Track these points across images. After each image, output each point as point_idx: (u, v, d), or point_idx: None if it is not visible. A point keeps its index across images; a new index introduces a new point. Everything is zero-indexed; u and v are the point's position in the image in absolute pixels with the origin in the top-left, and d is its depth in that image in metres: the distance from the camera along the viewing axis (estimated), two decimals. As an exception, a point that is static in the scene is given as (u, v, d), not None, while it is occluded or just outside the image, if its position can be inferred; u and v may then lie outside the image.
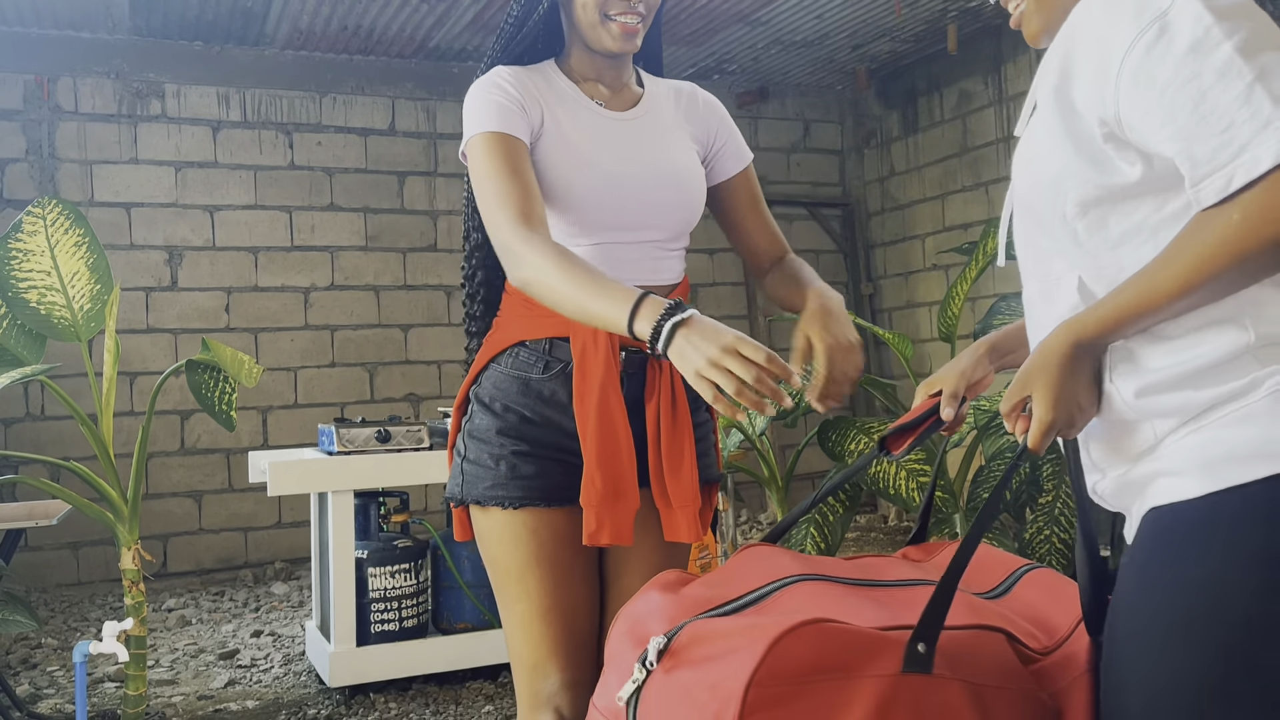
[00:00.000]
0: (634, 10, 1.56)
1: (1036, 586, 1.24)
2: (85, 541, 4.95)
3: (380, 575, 3.29)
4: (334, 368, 5.50)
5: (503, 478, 1.60)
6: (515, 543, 1.60)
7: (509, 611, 1.63)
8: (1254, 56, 0.90)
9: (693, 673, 1.04)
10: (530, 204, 1.48)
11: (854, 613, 1.09)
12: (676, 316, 1.26)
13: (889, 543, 5.39)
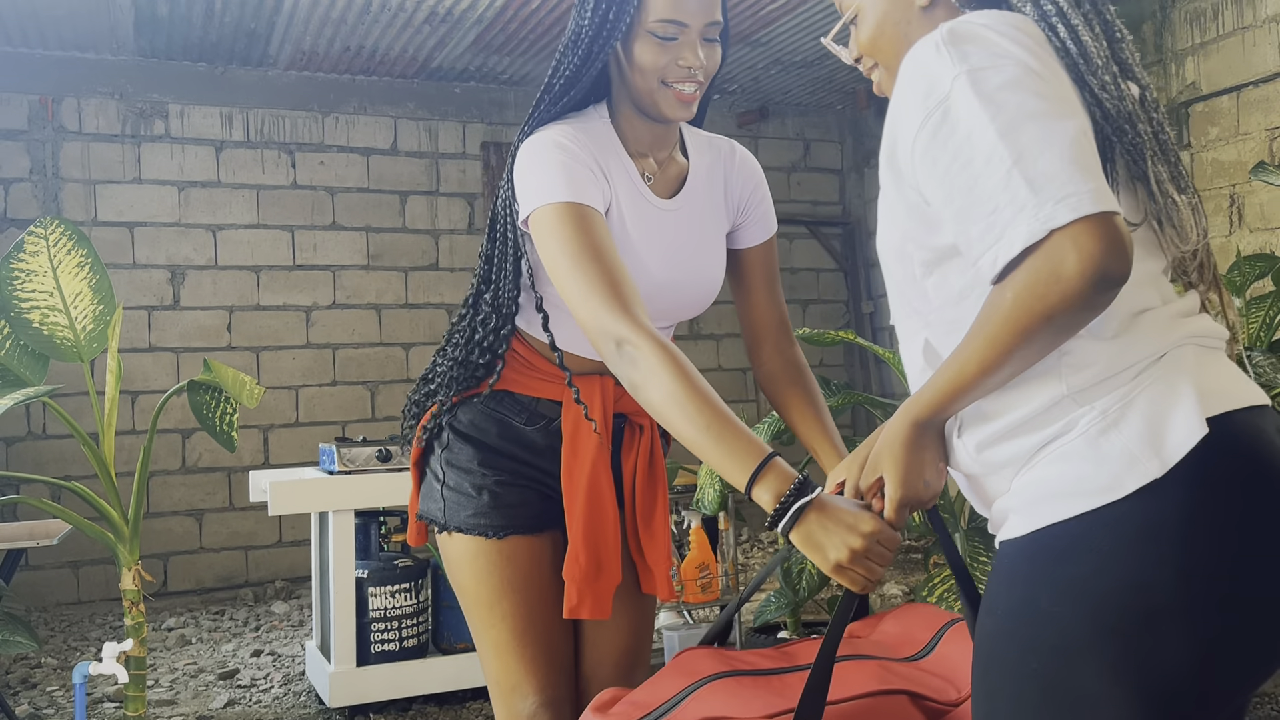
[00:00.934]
0: (693, 79, 1.48)
1: (957, 641, 1.33)
2: (85, 561, 4.95)
3: (380, 595, 3.28)
4: (335, 386, 5.51)
5: (485, 506, 1.60)
6: (489, 569, 1.60)
7: (483, 637, 1.63)
8: (1015, 138, 0.95)
9: None
10: (626, 289, 1.36)
11: (756, 704, 1.16)
12: (805, 498, 1.15)
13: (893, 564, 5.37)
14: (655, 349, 1.29)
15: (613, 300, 1.34)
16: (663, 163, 1.60)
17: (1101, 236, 0.91)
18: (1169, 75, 4.69)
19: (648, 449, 1.65)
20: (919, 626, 1.38)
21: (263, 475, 3.38)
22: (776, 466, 1.19)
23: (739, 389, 6.37)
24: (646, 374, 1.28)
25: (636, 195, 1.55)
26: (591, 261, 1.37)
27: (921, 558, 5.43)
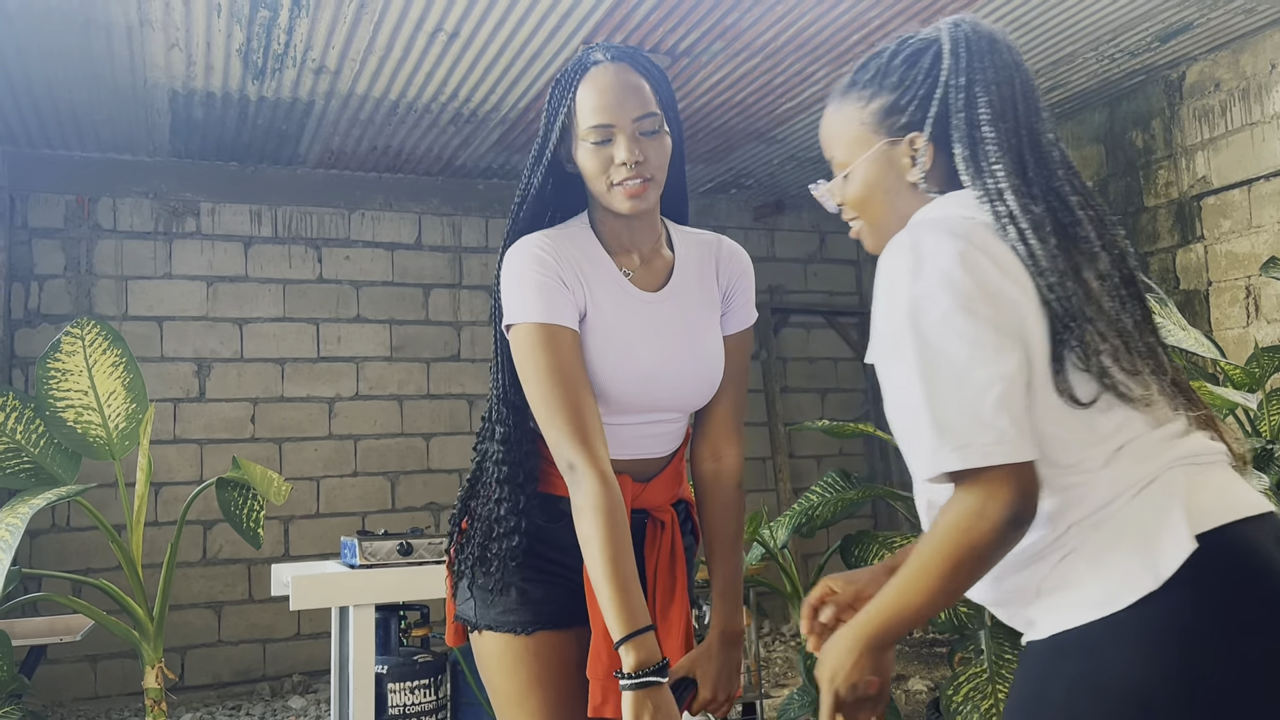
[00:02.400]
0: (637, 173, 1.53)
1: None
2: (104, 655, 4.93)
3: (400, 691, 3.26)
4: (356, 477, 5.54)
5: (513, 603, 1.62)
6: (517, 666, 1.62)
7: None
8: (932, 380, 1.09)
9: None
10: (587, 417, 1.49)
11: None
12: (656, 679, 1.40)
13: (914, 656, 5.29)
14: (597, 484, 1.45)
15: (572, 428, 1.48)
16: (647, 258, 1.65)
17: (1013, 485, 1.06)
18: (1179, 170, 4.76)
19: (669, 545, 1.67)
20: None
21: (284, 569, 3.39)
22: (649, 641, 1.41)
23: (760, 478, 6.36)
24: (582, 504, 1.46)
25: (619, 291, 1.60)
26: (558, 385, 1.50)
27: (946, 653, 5.34)
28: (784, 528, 3.01)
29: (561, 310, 1.53)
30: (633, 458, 1.64)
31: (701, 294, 1.68)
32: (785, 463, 6.37)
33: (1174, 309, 3.29)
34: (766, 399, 6.45)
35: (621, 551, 1.44)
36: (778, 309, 6.57)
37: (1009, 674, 2.45)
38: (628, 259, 1.64)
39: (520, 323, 1.53)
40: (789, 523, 3.02)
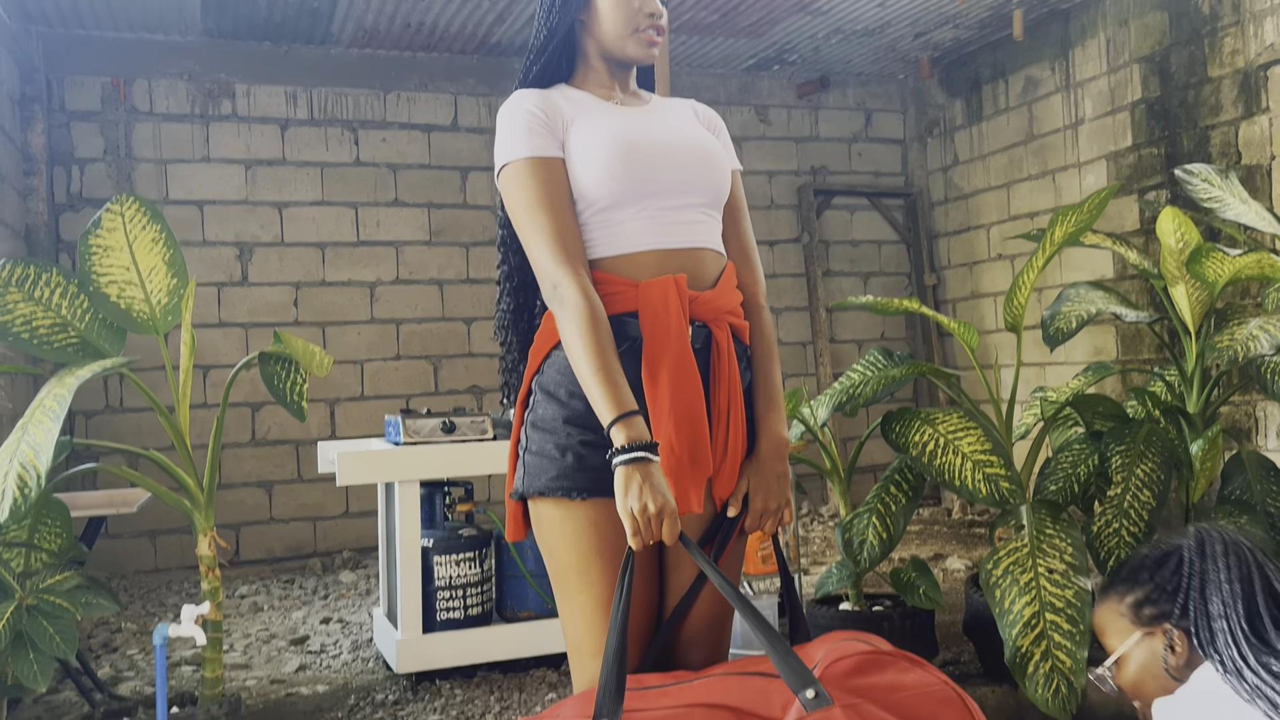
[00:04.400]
0: (657, 25, 1.73)
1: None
2: (162, 530, 5.11)
3: (445, 564, 3.34)
4: (399, 360, 5.59)
5: (569, 469, 1.61)
6: (578, 535, 1.62)
7: (569, 602, 1.65)
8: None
9: None
10: (570, 242, 1.60)
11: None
12: (647, 455, 1.47)
13: (952, 536, 5.33)
14: (578, 297, 1.55)
15: (557, 251, 1.58)
16: (628, 94, 1.80)
17: None
18: (1246, 36, 4.53)
19: (726, 369, 1.67)
20: (820, 650, 1.47)
21: (330, 447, 3.45)
22: (638, 422, 1.49)
23: (799, 363, 6.33)
24: (567, 313, 1.55)
25: (601, 109, 1.73)
26: (544, 213, 1.61)
27: (986, 532, 5.37)
28: (825, 406, 3.00)
29: (546, 144, 1.65)
30: (674, 247, 1.66)
31: (686, 116, 1.82)
32: (826, 347, 6.33)
33: (1235, 182, 3.17)
34: (808, 283, 6.38)
35: (605, 347, 1.53)
36: (821, 190, 6.44)
37: (1050, 549, 2.45)
38: (609, 93, 1.77)
39: (508, 162, 1.65)
40: (830, 401, 3.00)
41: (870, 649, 1.43)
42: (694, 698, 1.39)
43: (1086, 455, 3.04)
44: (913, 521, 5.62)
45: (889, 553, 2.63)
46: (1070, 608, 2.36)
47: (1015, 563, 2.45)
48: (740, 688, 1.41)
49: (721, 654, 1.78)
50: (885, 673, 1.37)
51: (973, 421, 2.58)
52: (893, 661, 1.39)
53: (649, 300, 1.60)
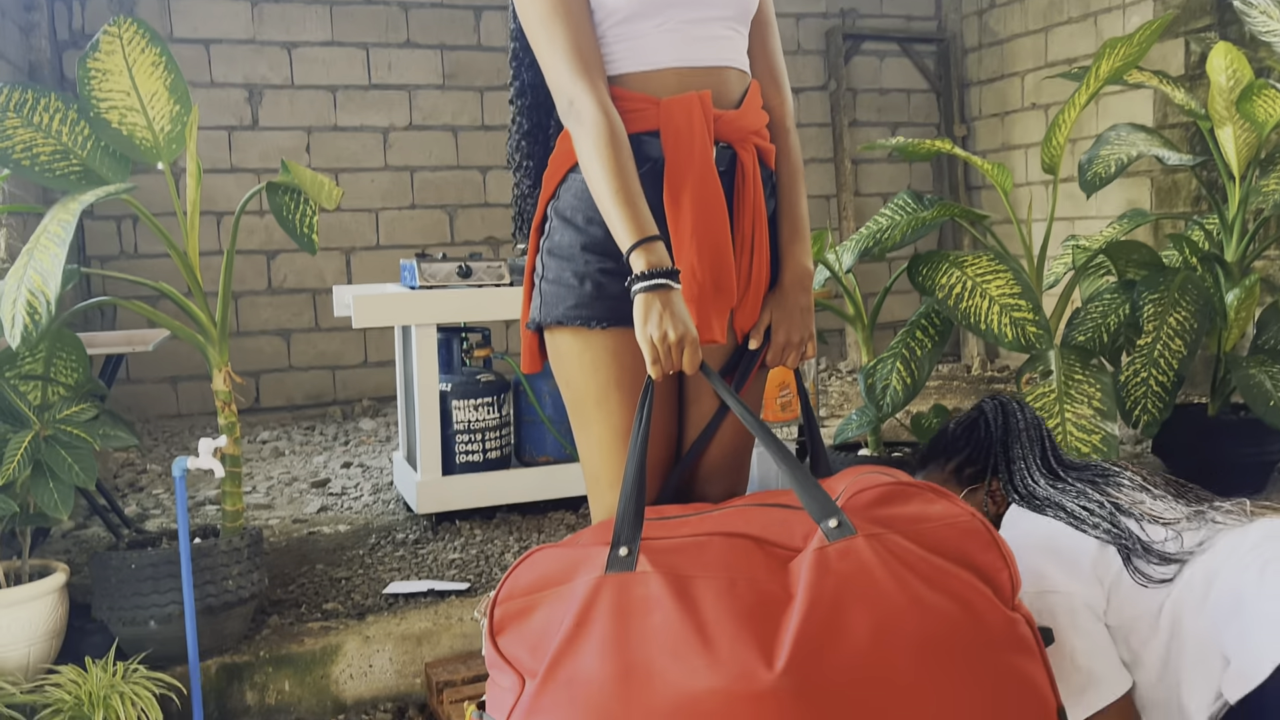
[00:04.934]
0: None
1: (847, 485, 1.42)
2: (183, 376, 5.14)
3: (464, 408, 3.34)
4: (414, 209, 5.50)
5: (587, 297, 1.56)
6: (596, 366, 1.58)
7: (587, 433, 1.63)
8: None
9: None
10: (587, 55, 1.50)
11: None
12: (668, 281, 1.40)
13: (971, 391, 5.31)
14: (597, 112, 1.46)
15: (574, 64, 1.49)
16: None
17: None
18: None
19: (751, 193, 1.59)
20: (843, 483, 1.43)
21: (346, 290, 3.41)
22: (659, 247, 1.42)
23: (822, 217, 6.20)
24: (584, 130, 1.47)
25: None
26: (560, 23, 1.50)
27: (1005, 388, 5.35)
28: (850, 252, 2.92)
29: None
30: (697, 64, 1.56)
31: None
32: (850, 201, 6.18)
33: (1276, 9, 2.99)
34: (834, 133, 6.18)
35: (625, 167, 1.45)
36: (849, 35, 6.17)
37: (1078, 394, 2.41)
38: None
39: None
40: (856, 246, 2.92)
41: (895, 480, 1.40)
42: (714, 526, 1.37)
43: (1117, 305, 2.96)
44: (931, 377, 5.59)
45: (912, 398, 2.60)
46: (1097, 452, 2.33)
47: (1042, 409, 2.41)
48: (761, 518, 1.38)
49: (740, 488, 1.76)
50: (910, 503, 1.34)
51: (1002, 265, 2.50)
52: (918, 493, 1.36)
53: (671, 118, 1.52)
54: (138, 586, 2.26)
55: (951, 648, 1.21)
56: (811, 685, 1.18)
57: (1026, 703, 1.23)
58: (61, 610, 2.27)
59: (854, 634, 1.20)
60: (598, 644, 1.23)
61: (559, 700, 1.22)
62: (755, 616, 1.23)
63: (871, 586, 1.23)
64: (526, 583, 1.33)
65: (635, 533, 1.32)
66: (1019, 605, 1.29)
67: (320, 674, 2.44)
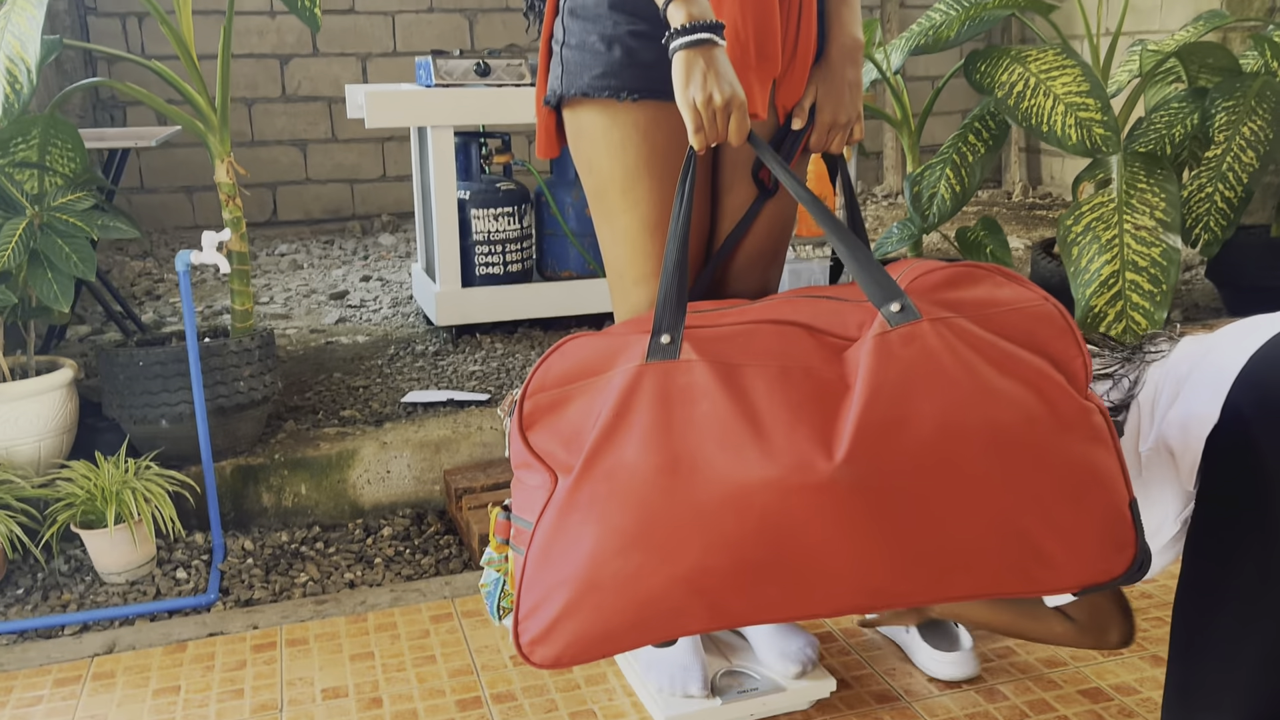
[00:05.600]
0: None
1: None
2: (197, 186, 5.00)
3: (483, 218, 3.20)
4: (432, 13, 5.20)
5: (616, 64, 1.38)
6: (625, 145, 1.42)
7: (613, 223, 1.48)
8: None
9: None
10: None
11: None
12: (712, 36, 1.24)
13: (1012, 217, 5.10)
14: None
15: None
16: None
17: None
18: None
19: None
20: (903, 268, 1.29)
21: (358, 89, 3.22)
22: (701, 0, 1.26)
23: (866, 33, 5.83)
24: None
25: None
26: None
27: (1047, 214, 5.13)
28: (900, 50, 2.69)
29: None
30: None
31: None
32: (895, 12, 5.80)
33: None
34: (881, -63, 5.75)
35: None
36: None
37: (1140, 204, 2.23)
38: None
39: None
40: (906, 45, 2.68)
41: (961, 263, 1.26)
42: (761, 314, 1.24)
43: (1186, 113, 2.74)
44: (970, 203, 5.37)
45: (960, 207, 2.43)
46: (1155, 267, 2.17)
47: (1099, 219, 2.24)
48: (810, 307, 1.26)
49: (774, 288, 1.64)
50: (978, 286, 1.21)
51: (1069, 59, 2.28)
52: (986, 275, 1.23)
53: None
54: (147, 385, 2.19)
55: (1022, 437, 1.11)
56: (873, 477, 1.09)
57: (1099, 493, 1.14)
58: (71, 407, 2.22)
59: (919, 423, 1.10)
60: (640, 434, 1.13)
61: (598, 494, 1.13)
62: (811, 405, 1.12)
63: (937, 373, 1.12)
64: (559, 373, 1.21)
65: (678, 319, 1.20)
66: (1092, 395, 1.17)
67: (337, 478, 2.40)
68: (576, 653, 1.17)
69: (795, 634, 1.64)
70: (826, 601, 1.16)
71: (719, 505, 1.10)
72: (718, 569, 1.12)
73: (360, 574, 2.18)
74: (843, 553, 1.11)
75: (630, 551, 1.12)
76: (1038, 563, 1.14)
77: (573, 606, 1.15)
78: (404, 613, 1.92)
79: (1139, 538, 1.16)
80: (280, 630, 1.88)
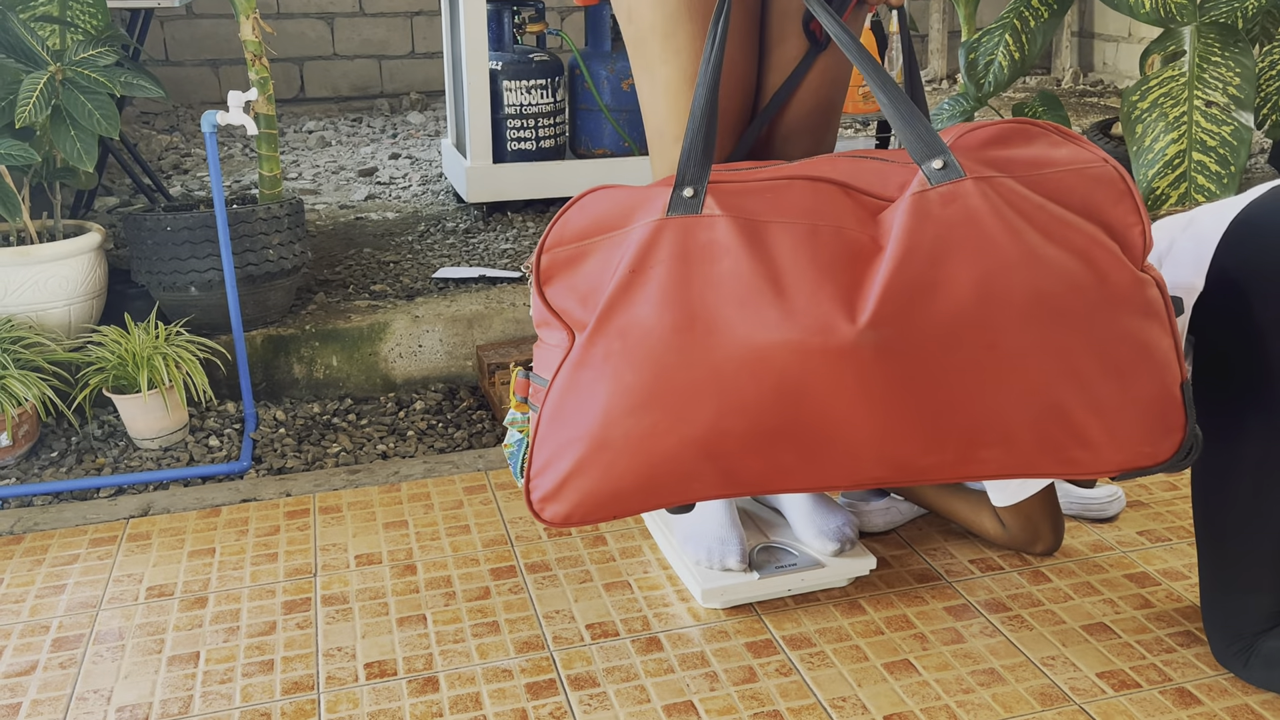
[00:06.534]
0: None
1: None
2: (224, 59, 4.89)
3: (515, 90, 3.09)
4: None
5: None
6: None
7: (652, 75, 1.40)
8: None
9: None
10: None
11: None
12: None
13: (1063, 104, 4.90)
14: None
15: None
16: None
17: None
18: None
19: None
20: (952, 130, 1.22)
21: (387, -48, 3.09)
22: None
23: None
24: None
25: None
26: None
27: (1098, 101, 4.93)
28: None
29: None
30: None
31: None
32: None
33: None
34: None
35: None
36: None
37: (1213, 79, 2.11)
38: None
39: None
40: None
41: (1014, 119, 1.18)
42: (796, 171, 1.17)
43: (1263, -14, 2.57)
44: (1017, 89, 5.17)
45: (1019, 75, 2.30)
46: (1225, 146, 2.06)
47: (1167, 94, 2.12)
48: (850, 166, 1.18)
49: (826, 152, 1.56)
50: (1032, 145, 1.13)
51: (1147, -81, 2.12)
52: (1042, 133, 1.15)
53: None
54: (175, 250, 2.15)
55: (1068, 308, 1.05)
56: (899, 342, 1.03)
57: (1149, 371, 1.08)
58: (99, 272, 2.19)
59: (954, 289, 1.04)
60: (656, 291, 1.08)
61: (611, 351, 1.09)
62: (839, 266, 1.06)
63: (979, 236, 1.05)
64: (577, 228, 1.16)
65: (703, 171, 1.13)
66: (1149, 266, 1.10)
67: (369, 351, 2.37)
68: (586, 511, 1.15)
69: (834, 511, 1.60)
70: (845, 472, 1.11)
71: (735, 367, 1.05)
72: (732, 432, 1.08)
73: (393, 446, 2.16)
74: (864, 421, 1.06)
75: (642, 411, 1.08)
76: (1076, 443, 1.09)
77: (583, 464, 1.12)
78: (437, 483, 1.91)
79: (1189, 421, 1.11)
80: (314, 498, 1.87)
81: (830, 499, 1.64)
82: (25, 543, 1.73)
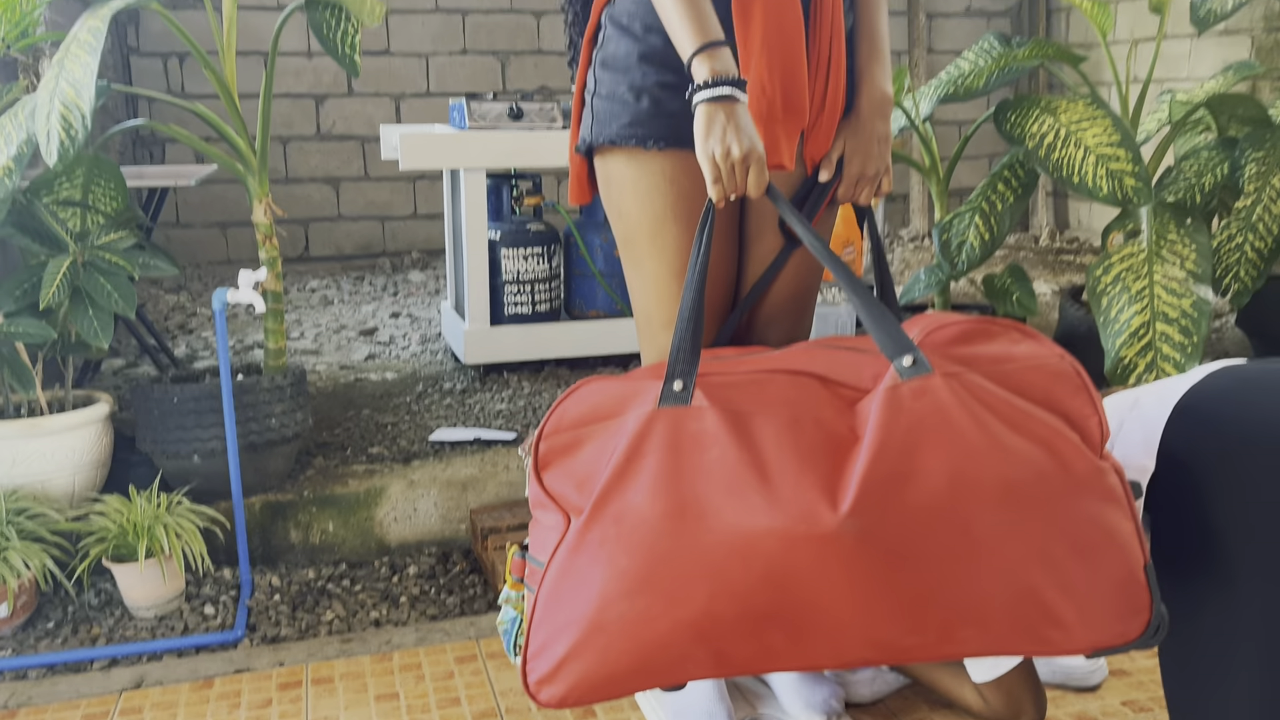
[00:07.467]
0: None
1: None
2: (232, 222, 5.08)
3: (513, 258, 3.23)
4: (465, 55, 5.29)
5: (644, 114, 1.42)
6: (652, 193, 1.45)
7: (641, 269, 1.51)
8: None
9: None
10: None
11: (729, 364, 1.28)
12: (734, 91, 1.27)
13: (1039, 262, 5.09)
14: None
15: None
16: None
17: None
18: None
19: (829, 15, 1.44)
20: (919, 324, 1.31)
21: (393, 130, 3.28)
22: (725, 54, 1.29)
23: (892, 74, 5.87)
24: None
25: None
26: None
27: (1074, 259, 5.12)
28: (929, 99, 2.71)
29: None
30: None
31: None
32: (922, 58, 5.84)
33: None
34: (909, -17, 5.80)
35: None
36: (933, -125, 5.72)
37: (1170, 255, 2.23)
38: None
39: None
40: (935, 92, 2.71)
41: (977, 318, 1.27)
42: (776, 364, 1.26)
43: (1215, 163, 2.74)
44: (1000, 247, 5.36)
45: (989, 255, 2.43)
46: (1185, 318, 2.17)
47: (1129, 269, 2.24)
48: (827, 358, 1.27)
49: (802, 335, 1.65)
50: (993, 342, 1.22)
51: (1100, 110, 2.29)
52: (1002, 332, 1.23)
53: None
54: (180, 420, 2.22)
55: (1033, 496, 1.11)
56: (879, 530, 1.09)
57: (1113, 554, 1.13)
58: (106, 441, 2.25)
59: (927, 478, 1.10)
60: (649, 479, 1.14)
61: (606, 537, 1.14)
62: (819, 456, 1.13)
63: (948, 428, 1.12)
64: (574, 416, 1.23)
65: (691, 366, 1.21)
66: (1107, 455, 1.17)
67: (364, 515, 2.42)
68: (582, 693, 1.18)
69: (820, 683, 1.63)
70: (831, 652, 1.15)
71: (725, 552, 1.11)
72: (723, 616, 1.12)
73: (386, 612, 2.19)
74: (847, 604, 1.11)
75: (636, 595, 1.13)
76: (1049, 623, 1.14)
77: (579, 648, 1.15)
78: (429, 653, 1.93)
79: (1155, 602, 1.16)
80: (306, 668, 1.88)
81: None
82: (19, 719, 1.74)
